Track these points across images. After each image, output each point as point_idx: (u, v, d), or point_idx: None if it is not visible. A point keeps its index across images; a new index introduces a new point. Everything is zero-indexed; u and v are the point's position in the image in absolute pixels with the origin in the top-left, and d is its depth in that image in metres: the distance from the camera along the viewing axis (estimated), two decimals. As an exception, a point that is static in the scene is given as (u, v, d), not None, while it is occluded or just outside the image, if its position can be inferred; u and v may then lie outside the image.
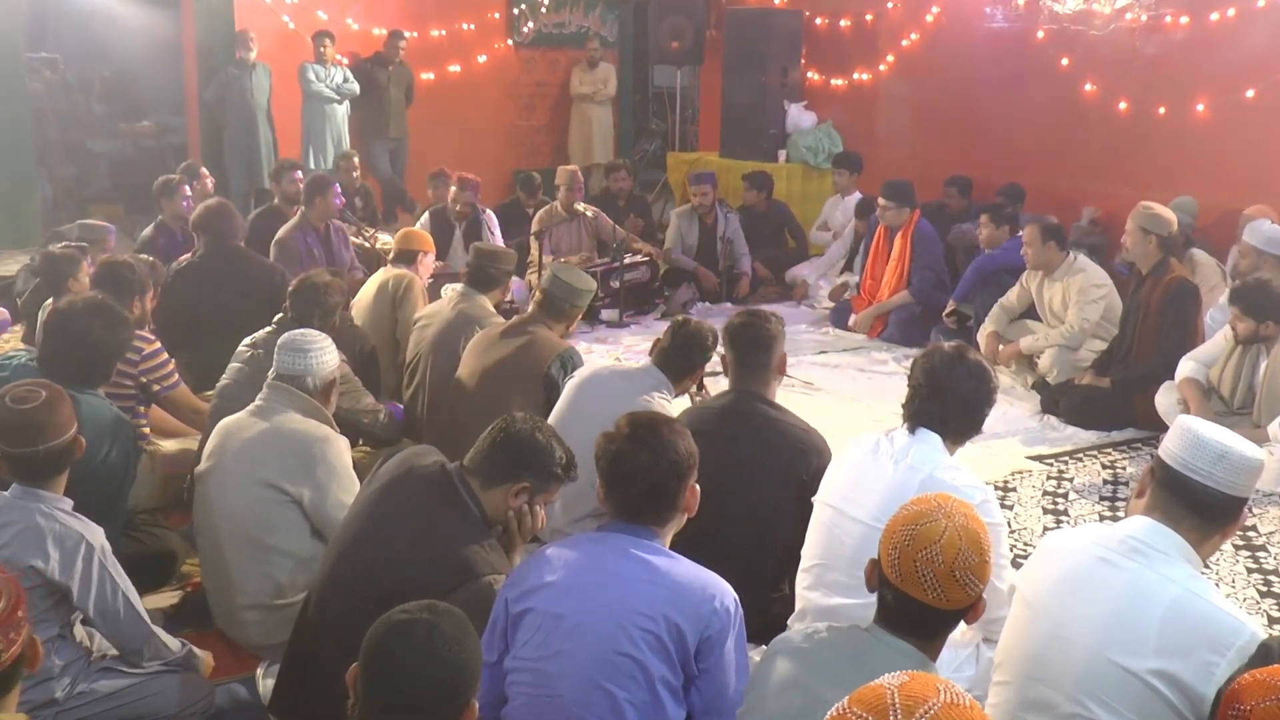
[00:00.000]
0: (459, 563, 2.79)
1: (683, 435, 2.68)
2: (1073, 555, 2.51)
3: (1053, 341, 6.36)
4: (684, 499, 2.67)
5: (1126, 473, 5.43)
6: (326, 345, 3.80)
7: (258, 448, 3.59)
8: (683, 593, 2.50)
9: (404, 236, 6.16)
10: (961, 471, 3.03)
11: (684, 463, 2.64)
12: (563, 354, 4.58)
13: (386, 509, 2.97)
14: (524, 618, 2.55)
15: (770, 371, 3.77)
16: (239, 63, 10.11)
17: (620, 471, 2.62)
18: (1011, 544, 4.50)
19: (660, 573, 2.52)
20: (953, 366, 3.12)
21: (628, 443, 2.63)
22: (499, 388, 4.52)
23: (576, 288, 4.78)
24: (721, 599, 2.51)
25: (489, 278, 5.35)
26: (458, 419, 4.56)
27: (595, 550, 2.60)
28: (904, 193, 7.71)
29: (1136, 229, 5.83)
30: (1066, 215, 8.10)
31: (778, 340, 3.79)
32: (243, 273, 5.76)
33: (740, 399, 3.73)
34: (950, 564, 2.09)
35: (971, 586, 2.11)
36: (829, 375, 6.98)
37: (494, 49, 12.07)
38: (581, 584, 2.54)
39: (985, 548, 2.14)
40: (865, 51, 10.54)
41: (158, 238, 6.96)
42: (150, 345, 4.57)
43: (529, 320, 4.78)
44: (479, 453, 2.98)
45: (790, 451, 3.57)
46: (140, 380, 4.52)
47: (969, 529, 2.13)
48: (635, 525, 2.62)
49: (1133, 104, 8.29)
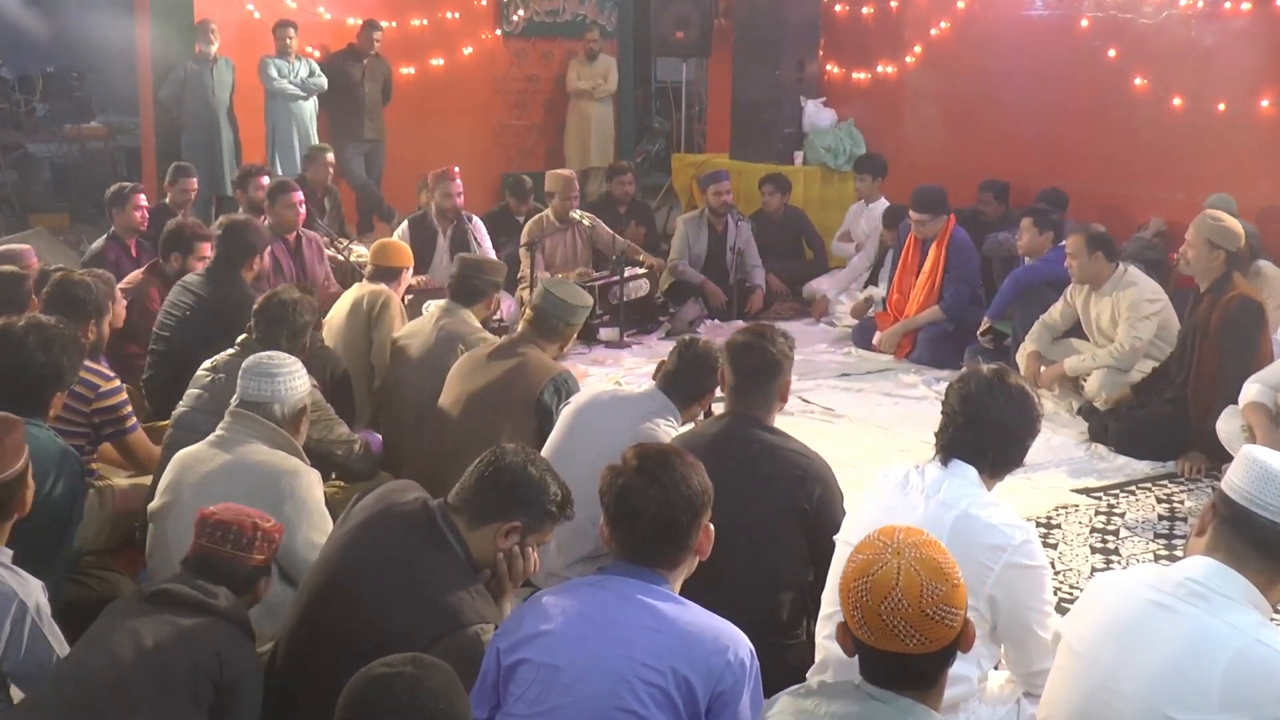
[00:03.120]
0: (443, 610, 2.79)
1: (696, 469, 2.69)
2: (1125, 600, 2.51)
3: (1101, 362, 6.36)
4: (696, 540, 2.67)
5: (1184, 507, 5.43)
6: (296, 370, 3.81)
7: (219, 482, 3.59)
8: (692, 643, 2.50)
9: (381, 250, 6.16)
10: (1000, 508, 3.03)
11: (697, 500, 2.65)
12: (556, 378, 4.59)
13: (362, 550, 2.97)
14: (517, 669, 2.55)
15: (772, 399, 3.77)
16: (199, 57, 10.16)
17: (626, 509, 2.63)
18: (1056, 587, 4.50)
19: (668, 620, 2.52)
20: (992, 391, 3.11)
21: (636, 477, 2.64)
22: (486, 416, 4.53)
23: (571, 303, 4.79)
24: (736, 650, 2.51)
25: (474, 290, 5.36)
26: (441, 450, 4.57)
27: (597, 595, 2.61)
28: (937, 201, 7.74)
29: (1201, 241, 5.76)
30: (1114, 223, 8.09)
31: (784, 365, 3.78)
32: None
33: (736, 425, 3.72)
34: (918, 604, 2.10)
35: (950, 618, 2.11)
36: (851, 400, 6.99)
37: (481, 40, 12.14)
38: (581, 633, 2.54)
39: (949, 570, 2.15)
40: (890, 42, 10.60)
41: (109, 251, 6.98)
42: (107, 383, 4.55)
43: (519, 340, 4.79)
44: (465, 488, 2.98)
45: (788, 480, 3.57)
46: (93, 420, 4.51)
47: (924, 558, 2.14)
48: (642, 568, 2.62)
49: (1188, 99, 8.32)
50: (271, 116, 10.51)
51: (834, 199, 10.31)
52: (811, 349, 8.03)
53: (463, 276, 5.41)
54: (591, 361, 7.64)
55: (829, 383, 7.29)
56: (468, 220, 8.03)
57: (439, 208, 7.97)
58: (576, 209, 8.48)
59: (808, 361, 7.70)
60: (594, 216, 8.62)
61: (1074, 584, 4.65)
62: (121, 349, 5.74)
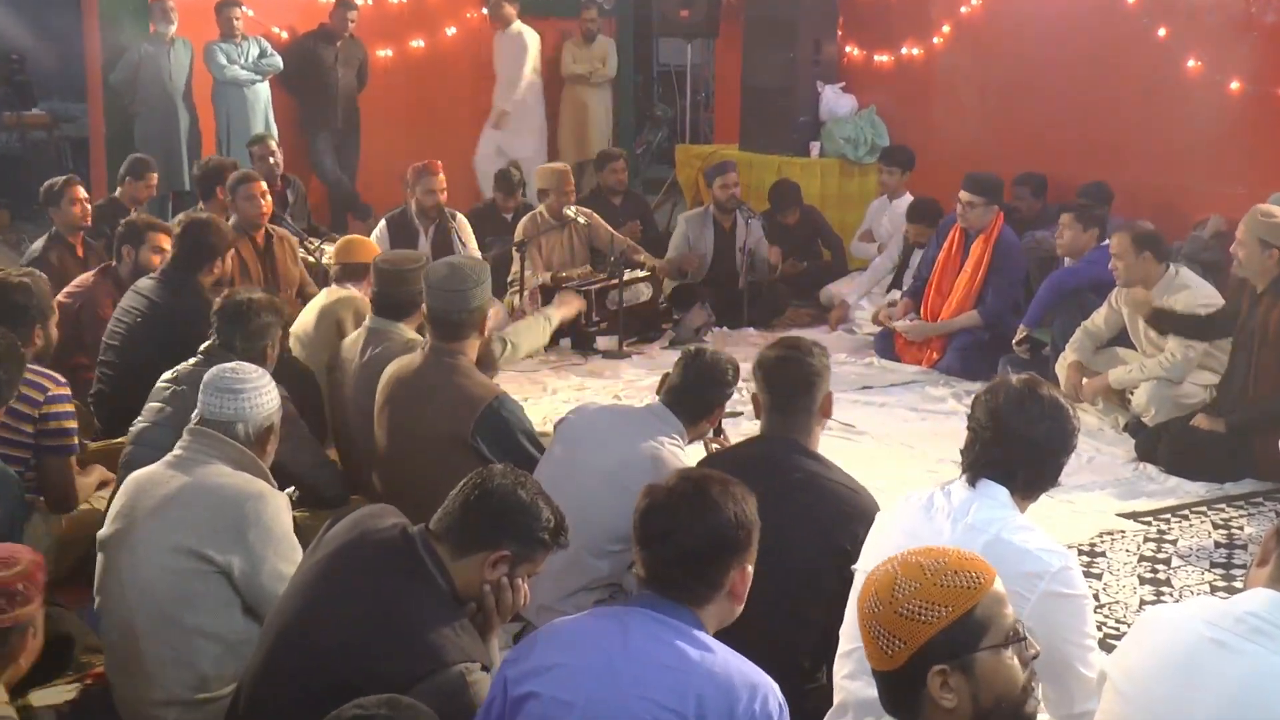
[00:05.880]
0: (424, 648, 2.80)
1: (739, 501, 2.70)
2: (1178, 636, 2.51)
3: (1149, 374, 6.36)
4: (727, 578, 2.66)
5: (1244, 534, 5.43)
6: (263, 384, 3.81)
7: (177, 507, 3.59)
8: (717, 686, 2.50)
9: (345, 247, 6.15)
10: (1034, 533, 3.03)
11: (730, 532, 2.65)
12: (486, 412, 4.39)
13: (335, 582, 2.98)
14: (525, 704, 2.56)
15: (813, 416, 3.79)
16: (154, 37, 10.18)
17: (650, 530, 2.66)
18: (1100, 621, 4.51)
19: (690, 661, 2.53)
20: (1022, 404, 3.12)
21: (666, 497, 2.67)
22: (424, 462, 4.38)
23: (459, 289, 4.50)
24: (764, 698, 2.52)
25: (402, 302, 5.15)
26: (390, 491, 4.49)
27: (616, 628, 2.62)
28: (991, 187, 7.76)
29: (1253, 240, 5.82)
30: (1165, 221, 8.09)
31: (823, 378, 3.80)
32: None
33: (776, 449, 3.74)
34: (889, 602, 2.19)
35: (929, 614, 2.17)
36: (874, 415, 7.00)
37: (466, 19, 12.16)
38: (597, 668, 2.55)
39: (934, 569, 2.22)
40: (916, 21, 10.61)
41: (50, 252, 6.96)
42: (58, 388, 4.56)
43: (432, 356, 4.55)
44: (449, 513, 2.98)
45: (834, 515, 3.57)
46: (40, 428, 4.51)
47: (907, 561, 2.25)
48: (668, 601, 2.63)
49: (1247, 84, 8.32)
50: (224, 105, 10.46)
51: (854, 194, 10.33)
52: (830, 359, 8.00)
53: (383, 290, 5.17)
54: (588, 373, 7.65)
55: (849, 396, 7.29)
56: (451, 218, 8.04)
57: (420, 205, 7.98)
58: (572, 205, 8.50)
59: (826, 373, 7.70)
60: (590, 213, 8.63)
61: (1121, 618, 4.65)
62: (69, 360, 5.72)
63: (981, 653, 2.18)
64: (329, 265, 7.38)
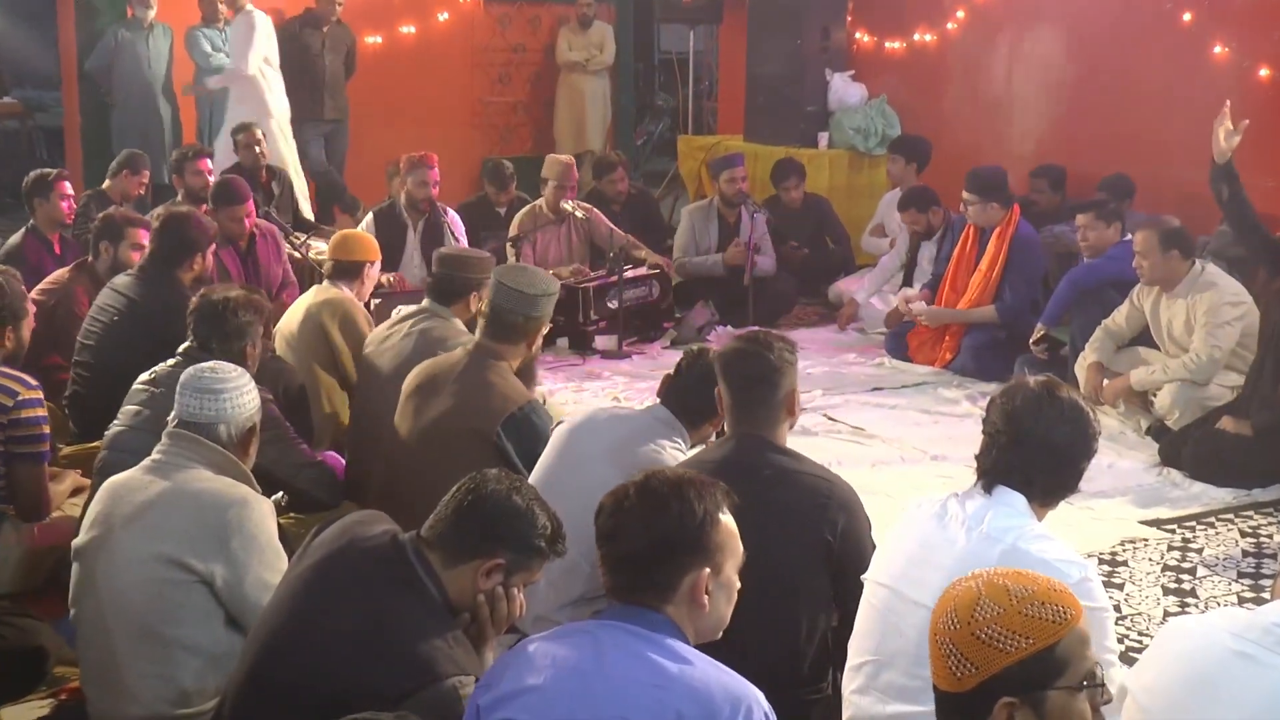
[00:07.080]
0: (415, 661, 2.80)
1: (690, 500, 2.64)
2: (1203, 648, 2.51)
3: (1173, 375, 6.36)
4: (682, 581, 2.62)
5: (1274, 542, 5.43)
6: (243, 384, 3.81)
7: (156, 514, 3.59)
8: (696, 701, 2.49)
9: (341, 243, 6.15)
10: (1052, 541, 3.04)
11: (674, 533, 2.61)
12: (517, 413, 4.42)
13: (322, 592, 2.98)
14: (499, 730, 2.55)
15: (777, 411, 3.77)
16: (132, 23, 10.19)
17: (600, 532, 2.66)
18: (1123, 634, 4.51)
19: (668, 676, 2.52)
20: (1040, 407, 3.12)
21: (625, 496, 2.66)
22: (440, 455, 4.39)
23: (529, 293, 4.60)
24: (748, 709, 2.50)
25: (457, 288, 5.28)
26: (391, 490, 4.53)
27: (588, 645, 2.61)
28: (990, 184, 7.75)
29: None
30: (1190, 215, 8.07)
31: (784, 372, 3.77)
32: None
33: (743, 447, 3.72)
34: (968, 623, 2.13)
35: (1006, 643, 2.13)
36: (885, 419, 7.00)
37: (458, 5, 12.18)
38: (572, 690, 2.53)
39: (1021, 590, 2.17)
40: (929, 6, 10.62)
41: (28, 248, 6.97)
42: (30, 391, 4.53)
43: (477, 350, 4.61)
44: (441, 520, 2.98)
45: (807, 509, 3.57)
46: (7, 433, 4.49)
47: (992, 582, 2.19)
48: (638, 608, 2.62)
49: (1276, 70, 8.32)
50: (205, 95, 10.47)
51: (864, 187, 10.33)
52: (839, 359, 8.05)
53: (445, 275, 5.30)
54: (587, 374, 7.66)
55: (859, 398, 7.30)
56: (442, 213, 8.04)
57: (410, 198, 7.98)
58: (571, 199, 8.50)
59: (834, 374, 7.72)
60: (590, 207, 8.63)
61: (1144, 630, 4.65)
62: (42, 360, 5.70)
63: (1055, 691, 2.12)
64: (316, 261, 7.38)
